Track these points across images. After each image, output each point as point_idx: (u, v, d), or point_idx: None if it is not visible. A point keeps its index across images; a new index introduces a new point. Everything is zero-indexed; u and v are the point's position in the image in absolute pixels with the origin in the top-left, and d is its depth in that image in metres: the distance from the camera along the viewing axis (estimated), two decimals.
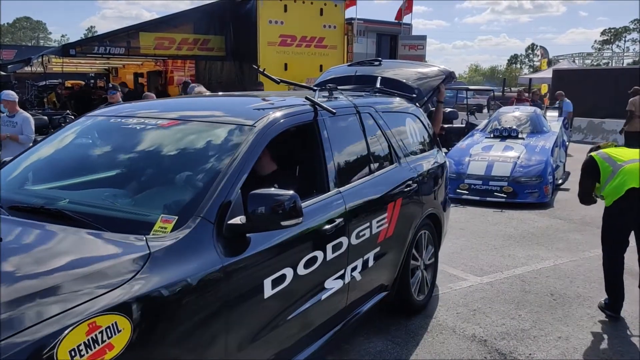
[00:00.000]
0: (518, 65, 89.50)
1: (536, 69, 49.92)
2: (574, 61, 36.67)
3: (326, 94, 3.66)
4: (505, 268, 5.32)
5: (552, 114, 11.85)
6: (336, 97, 3.68)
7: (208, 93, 6.35)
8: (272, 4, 14.19)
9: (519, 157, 8.53)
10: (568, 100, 14.87)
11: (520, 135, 9.47)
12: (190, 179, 2.59)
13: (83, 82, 21.72)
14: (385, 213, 3.51)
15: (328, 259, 2.89)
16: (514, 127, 9.70)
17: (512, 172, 8.24)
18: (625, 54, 61.03)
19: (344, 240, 3.04)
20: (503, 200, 8.06)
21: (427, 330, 3.92)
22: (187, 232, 2.17)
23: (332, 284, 2.99)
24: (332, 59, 15.11)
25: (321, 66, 14.33)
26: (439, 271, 5.13)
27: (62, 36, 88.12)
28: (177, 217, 2.24)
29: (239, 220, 2.31)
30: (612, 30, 79.20)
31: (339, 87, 4.21)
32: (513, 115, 10.37)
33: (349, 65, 5.61)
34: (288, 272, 2.57)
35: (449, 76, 5.36)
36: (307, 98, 3.21)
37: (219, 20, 15.14)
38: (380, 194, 3.53)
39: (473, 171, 8.49)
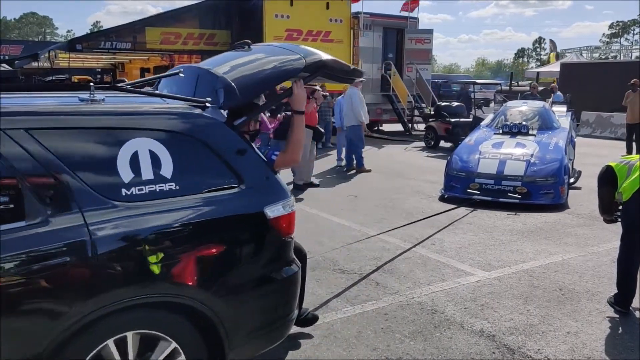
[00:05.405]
0: (525, 59, 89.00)
1: (543, 63, 49.57)
2: (581, 54, 36.37)
3: None
4: (514, 263, 5.29)
5: (559, 109, 11.60)
6: None
7: None
8: None
9: (532, 155, 8.02)
10: (559, 93, 15.41)
11: (530, 132, 9.00)
12: None
13: (90, 78, 21.81)
14: None
15: None
16: (524, 122, 9.27)
17: (526, 171, 7.71)
18: (633, 47, 60.47)
19: None
20: (517, 201, 7.51)
21: (435, 326, 3.90)
22: None
23: None
24: (339, 53, 15.01)
25: None
26: (446, 266, 5.14)
27: (68, 31, 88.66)
28: None
29: None
30: (620, 24, 78.55)
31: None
32: (520, 109, 9.95)
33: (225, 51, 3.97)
34: None
35: (320, 67, 3.22)
36: None
37: (225, 14, 15.15)
38: None
39: (484, 170, 7.95)
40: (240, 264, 2.77)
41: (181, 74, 3.23)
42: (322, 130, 9.72)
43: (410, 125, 17.80)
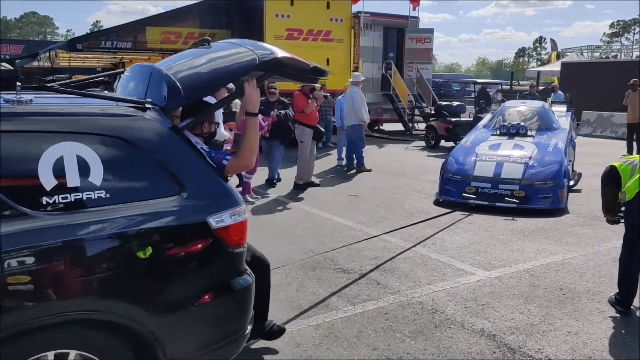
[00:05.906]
0: (526, 59, 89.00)
1: (544, 62, 49.51)
2: (582, 54, 36.32)
3: None
4: (514, 262, 5.29)
5: (559, 109, 11.52)
6: None
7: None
8: None
9: (530, 158, 7.73)
10: (560, 92, 15.59)
11: (529, 133, 8.71)
12: None
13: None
14: None
15: None
16: (522, 123, 9.03)
17: (524, 174, 7.45)
18: (634, 47, 60.42)
19: None
20: (514, 206, 7.25)
21: (436, 325, 3.90)
22: None
23: None
24: (339, 52, 15.10)
25: (328, 60, 14.34)
26: (447, 265, 5.14)
27: (68, 31, 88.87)
28: None
29: None
30: (621, 23, 78.57)
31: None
32: (518, 110, 9.71)
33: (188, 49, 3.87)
34: None
35: (274, 65, 2.95)
36: None
37: (225, 14, 15.17)
38: None
39: (480, 172, 7.66)
40: (180, 277, 2.54)
41: (127, 74, 3.04)
42: (323, 130, 9.72)
43: (410, 124, 17.83)
